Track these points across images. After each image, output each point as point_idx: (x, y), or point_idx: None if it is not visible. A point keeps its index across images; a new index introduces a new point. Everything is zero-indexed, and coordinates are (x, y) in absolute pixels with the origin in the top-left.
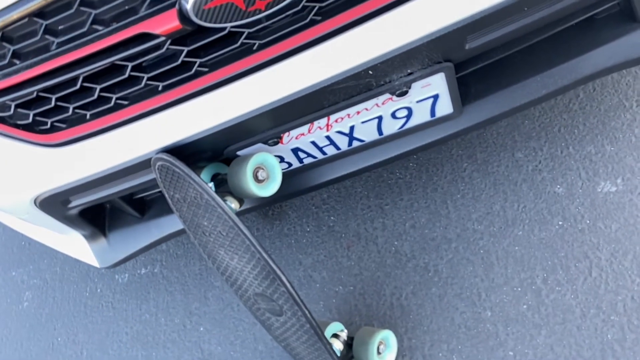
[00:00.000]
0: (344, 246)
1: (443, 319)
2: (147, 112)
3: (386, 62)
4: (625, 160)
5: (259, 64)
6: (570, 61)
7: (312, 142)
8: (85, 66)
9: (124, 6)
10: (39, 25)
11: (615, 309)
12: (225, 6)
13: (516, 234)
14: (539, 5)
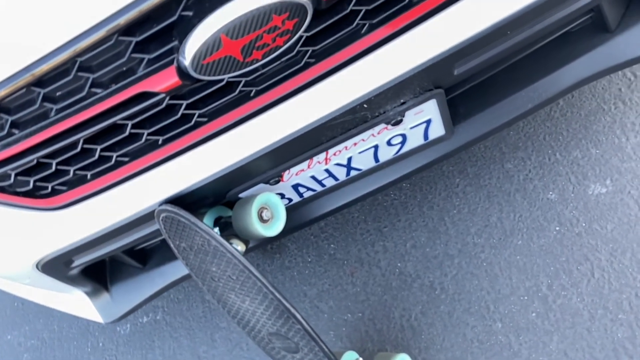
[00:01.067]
0: (348, 273)
1: (455, 336)
2: (148, 166)
3: (380, 95)
4: (611, 161)
5: (257, 110)
6: (551, 74)
7: (311, 176)
8: (85, 129)
9: (122, 67)
10: (37, 94)
11: (622, 308)
12: (223, 59)
13: (516, 244)
14: (520, 28)
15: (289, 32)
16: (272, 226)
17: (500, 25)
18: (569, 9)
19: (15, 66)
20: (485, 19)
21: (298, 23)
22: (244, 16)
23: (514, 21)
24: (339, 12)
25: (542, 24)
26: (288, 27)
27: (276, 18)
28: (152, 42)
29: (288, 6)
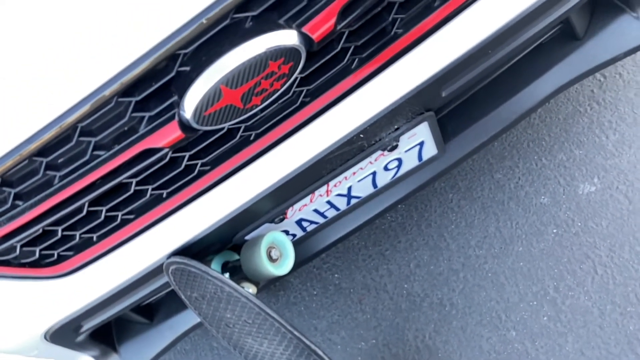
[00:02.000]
0: (356, 301)
1: (471, 350)
2: (154, 221)
3: (374, 124)
4: (595, 160)
5: (258, 152)
6: (530, 85)
7: (314, 210)
8: (90, 193)
9: (124, 127)
10: (40, 163)
11: (629, 300)
12: (224, 109)
13: (517, 251)
14: (500, 46)
15: (285, 76)
16: (282, 264)
17: (481, 46)
18: (542, 23)
19: (16, 139)
20: (467, 42)
21: (293, 66)
22: (241, 65)
23: (493, 41)
24: (330, 51)
25: (519, 40)
26: (284, 71)
27: (272, 64)
28: (152, 99)
29: (283, 52)
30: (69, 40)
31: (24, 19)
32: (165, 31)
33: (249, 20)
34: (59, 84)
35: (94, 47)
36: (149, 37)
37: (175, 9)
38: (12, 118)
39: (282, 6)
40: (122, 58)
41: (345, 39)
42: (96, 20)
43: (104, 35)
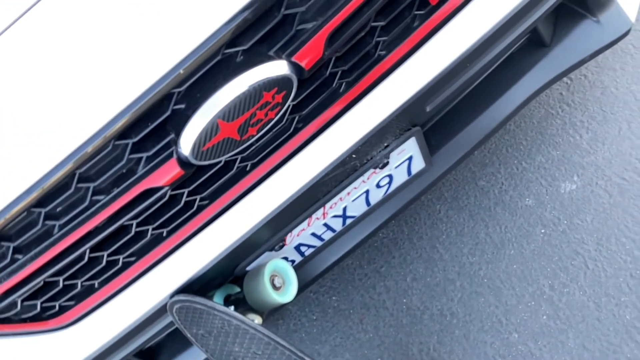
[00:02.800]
0: (357, 321)
1: (476, 357)
2: (155, 262)
3: (365, 144)
4: (572, 159)
5: (256, 182)
6: (506, 93)
7: (312, 233)
8: (91, 239)
9: (122, 170)
10: (38, 214)
11: (622, 291)
12: (222, 142)
13: (509, 254)
14: (477, 59)
15: (279, 105)
16: (287, 292)
17: (459, 60)
18: (514, 33)
19: (14, 191)
20: (447, 57)
21: (286, 95)
22: (237, 98)
23: (470, 54)
24: (320, 77)
25: (494, 51)
26: (278, 100)
27: (266, 94)
28: (148, 139)
29: (276, 82)
30: (62, 89)
31: (16, 70)
32: (158, 72)
33: (240, 54)
34: (55, 132)
35: (88, 94)
36: (143, 80)
37: (166, 50)
38: (8, 170)
39: (270, 38)
40: (116, 102)
41: (333, 64)
42: (89, 68)
43: (97, 81)
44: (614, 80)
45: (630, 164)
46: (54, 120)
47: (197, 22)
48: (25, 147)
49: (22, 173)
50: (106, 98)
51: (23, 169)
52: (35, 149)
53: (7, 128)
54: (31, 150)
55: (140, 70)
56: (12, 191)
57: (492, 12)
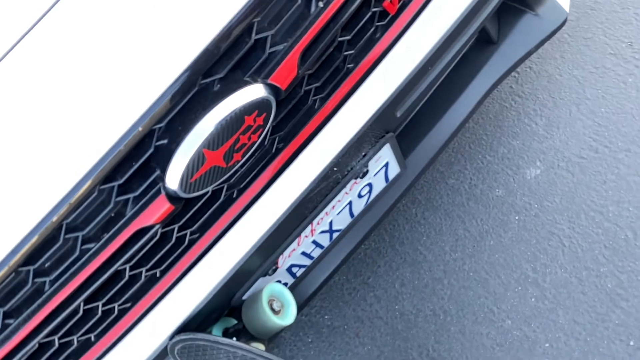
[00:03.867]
0: (352, 336)
1: (475, 349)
2: (151, 305)
3: (345, 155)
4: (532, 146)
5: (244, 208)
6: (465, 91)
7: (302, 252)
8: (85, 290)
9: (110, 214)
10: (27, 273)
11: (599, 262)
12: (209, 171)
13: (489, 245)
14: (436, 61)
15: (261, 127)
16: (287, 314)
17: (422, 64)
18: (466, 35)
19: None
20: (410, 62)
21: (267, 116)
22: (219, 126)
23: (431, 58)
24: (295, 96)
25: (450, 53)
26: (259, 122)
27: (248, 118)
28: (134, 179)
29: (256, 105)
30: (40, 140)
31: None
32: (137, 112)
33: (217, 83)
34: (37, 185)
35: (67, 143)
36: (121, 122)
37: (142, 88)
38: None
39: (244, 64)
40: (97, 147)
41: (306, 82)
42: (65, 115)
43: (75, 128)
44: (557, 68)
45: (585, 143)
46: (34, 173)
47: (170, 56)
48: (6, 205)
49: (4, 233)
50: (86, 144)
51: (5, 229)
52: (17, 205)
53: None
54: (13, 207)
55: (118, 112)
56: None
57: (446, 16)
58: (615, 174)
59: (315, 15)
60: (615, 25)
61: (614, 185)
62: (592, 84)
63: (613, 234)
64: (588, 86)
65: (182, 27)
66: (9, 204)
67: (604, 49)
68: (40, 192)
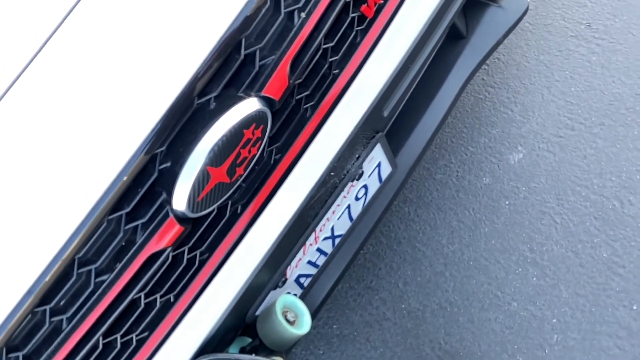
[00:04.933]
0: (363, 341)
1: (486, 335)
2: (169, 330)
3: (340, 159)
4: (511, 132)
5: (249, 222)
6: (443, 86)
7: (308, 262)
8: (103, 324)
9: (121, 243)
10: (43, 313)
11: (592, 234)
12: (214, 188)
13: (484, 232)
14: (415, 59)
15: (259, 140)
16: (302, 323)
17: (402, 63)
18: (438, 32)
19: (13, 297)
20: (392, 62)
21: (264, 128)
22: (220, 142)
23: (409, 56)
24: (288, 106)
25: (426, 49)
26: (258, 135)
27: (246, 132)
28: (141, 205)
29: (252, 118)
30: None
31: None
32: (137, 140)
33: (212, 101)
34: (46, 224)
35: (72, 178)
36: (123, 151)
37: (141, 115)
38: (3, 276)
39: (237, 80)
40: (102, 179)
41: (297, 91)
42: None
43: (80, 161)
44: (523, 56)
45: (561, 122)
46: (41, 212)
47: (164, 81)
48: (17, 246)
49: (17, 275)
50: (91, 177)
51: (17, 270)
52: (28, 246)
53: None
54: (24, 248)
55: (119, 142)
56: (10, 298)
57: (419, 15)
58: (593, 147)
59: (298, 26)
60: (571, 9)
61: (594, 158)
62: (559, 67)
63: (601, 205)
64: (555, 69)
65: (174, 51)
66: (20, 244)
67: (564, 33)
68: (49, 230)
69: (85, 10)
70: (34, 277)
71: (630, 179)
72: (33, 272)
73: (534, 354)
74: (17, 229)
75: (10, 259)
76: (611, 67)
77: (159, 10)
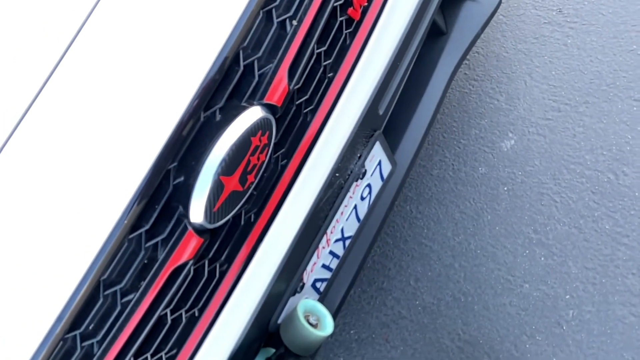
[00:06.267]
0: (382, 342)
1: (503, 320)
2: (196, 347)
3: (343, 160)
4: (500, 120)
5: (264, 229)
6: (430, 81)
7: (322, 265)
8: (133, 343)
9: (144, 260)
10: (73, 339)
11: (592, 208)
12: (229, 197)
13: (488, 220)
14: (402, 57)
15: (266, 146)
16: (325, 325)
17: (392, 60)
18: (421, 29)
19: (43, 326)
20: (382, 60)
21: (270, 134)
22: (230, 152)
23: (398, 53)
24: (289, 112)
25: (412, 47)
26: (264, 141)
27: (254, 139)
28: (158, 221)
29: (258, 126)
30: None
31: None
32: (150, 156)
33: (217, 113)
34: (69, 249)
35: (90, 201)
36: (138, 169)
37: (151, 132)
38: (31, 305)
39: (238, 91)
40: (119, 199)
41: (296, 97)
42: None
43: (97, 185)
44: (502, 47)
45: (547, 105)
46: (63, 237)
47: (171, 97)
48: (42, 274)
49: (46, 303)
50: (108, 199)
51: (46, 299)
52: (53, 273)
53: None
54: (51, 276)
55: (134, 160)
56: (41, 326)
57: (402, 13)
58: (581, 125)
59: (292, 34)
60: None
61: (584, 135)
62: (537, 53)
63: (596, 179)
64: (534, 56)
65: (176, 69)
66: (45, 272)
67: (538, 20)
68: (73, 256)
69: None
70: (62, 303)
71: (620, 151)
72: (61, 299)
73: (552, 331)
74: (42, 257)
75: (37, 288)
76: (587, 47)
77: (158, 31)
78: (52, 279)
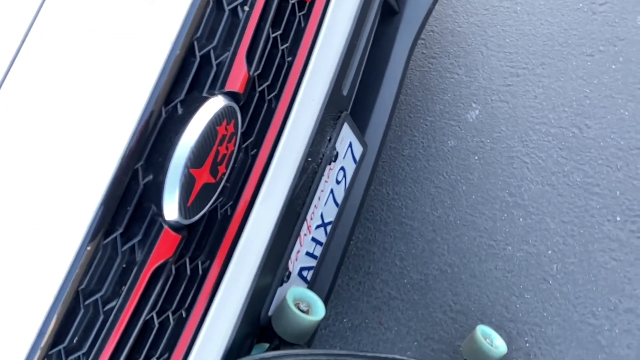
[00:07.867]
0: (376, 326)
1: (491, 285)
2: (187, 349)
3: (313, 143)
4: (462, 93)
5: (242, 221)
6: (390, 60)
7: (306, 253)
8: (121, 352)
9: (122, 265)
10: (58, 354)
11: (561, 163)
12: (201, 190)
13: (463, 190)
14: (359, 36)
15: (234, 135)
16: (316, 310)
17: (349, 40)
18: (373, 10)
19: (25, 343)
20: (339, 39)
21: (235, 123)
22: (197, 143)
23: (353, 34)
24: (253, 99)
25: (367, 27)
26: (231, 130)
27: (220, 129)
28: (132, 223)
29: (222, 114)
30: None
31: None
32: (114, 157)
33: (179, 106)
34: (40, 262)
35: (59, 210)
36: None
37: (112, 131)
38: (9, 323)
39: (197, 82)
40: (87, 205)
41: (258, 83)
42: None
43: (62, 193)
44: (455, 22)
45: (505, 72)
46: (34, 248)
47: (129, 94)
48: (17, 291)
49: (24, 319)
50: (76, 206)
51: (23, 314)
52: (29, 286)
53: None
54: (25, 290)
55: (98, 162)
56: (22, 343)
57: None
58: (541, 87)
59: (245, 20)
60: None
61: (544, 96)
62: (490, 24)
63: (562, 135)
64: (487, 27)
65: (130, 66)
66: (18, 287)
67: None
68: (46, 268)
69: (48, 30)
70: (42, 317)
71: (581, 106)
72: (40, 313)
73: (539, 287)
74: (13, 272)
75: (13, 304)
76: (536, 11)
77: (107, 32)
78: (27, 294)
